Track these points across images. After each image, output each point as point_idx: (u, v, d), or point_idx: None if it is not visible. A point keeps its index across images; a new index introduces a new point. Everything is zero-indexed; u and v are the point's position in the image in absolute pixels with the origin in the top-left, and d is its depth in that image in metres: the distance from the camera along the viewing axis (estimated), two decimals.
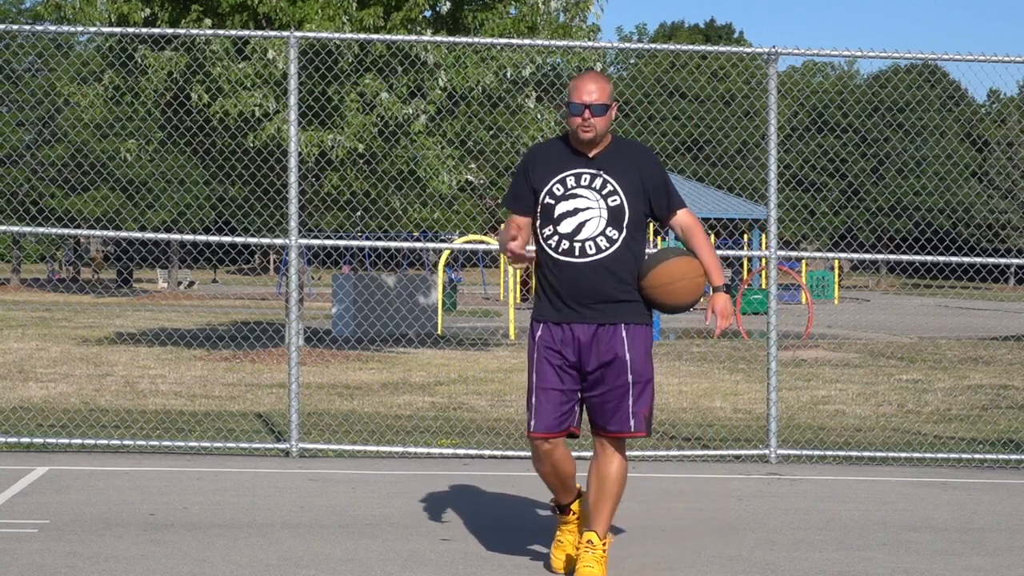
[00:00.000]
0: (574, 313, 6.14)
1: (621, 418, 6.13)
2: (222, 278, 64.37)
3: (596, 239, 6.13)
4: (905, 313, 35.36)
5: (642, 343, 6.19)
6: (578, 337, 6.15)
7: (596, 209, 6.15)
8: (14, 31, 10.41)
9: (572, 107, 6.15)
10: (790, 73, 77.69)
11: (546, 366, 6.17)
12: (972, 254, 48.94)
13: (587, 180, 6.19)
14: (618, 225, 6.15)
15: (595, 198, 6.16)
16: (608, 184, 6.18)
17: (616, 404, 6.13)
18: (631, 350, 6.14)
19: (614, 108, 6.24)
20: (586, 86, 6.14)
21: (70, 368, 16.93)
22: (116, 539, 7.09)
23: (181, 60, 18.28)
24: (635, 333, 6.17)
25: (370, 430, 11.21)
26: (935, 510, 8.45)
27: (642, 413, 6.15)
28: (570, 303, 6.15)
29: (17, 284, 47.89)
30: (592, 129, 6.15)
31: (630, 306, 6.17)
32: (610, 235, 6.14)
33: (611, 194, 6.17)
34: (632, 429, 6.14)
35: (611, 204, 6.16)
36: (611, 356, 6.13)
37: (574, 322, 6.15)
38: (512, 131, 19.70)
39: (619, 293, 6.15)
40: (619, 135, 6.43)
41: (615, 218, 6.15)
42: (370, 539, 7.23)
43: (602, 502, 6.17)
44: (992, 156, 65.86)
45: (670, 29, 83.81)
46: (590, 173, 6.19)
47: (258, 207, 21.44)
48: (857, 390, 15.64)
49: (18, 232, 10.65)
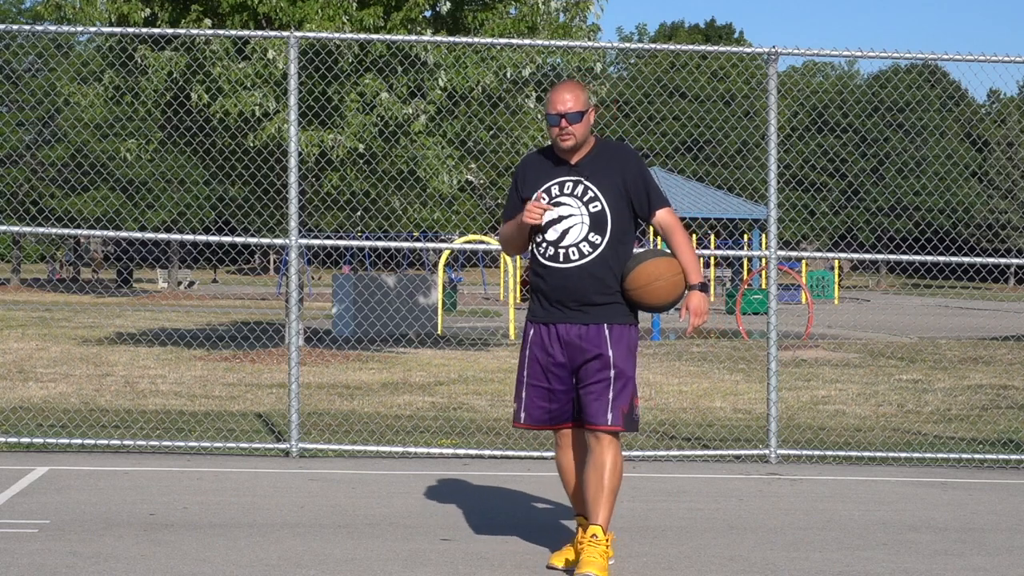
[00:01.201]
0: (560, 314, 6.39)
1: (600, 413, 6.32)
2: (222, 278, 64.37)
3: (579, 245, 6.35)
4: (905, 313, 35.36)
5: (625, 342, 6.39)
6: (564, 337, 6.39)
7: (578, 216, 6.37)
8: (14, 31, 10.41)
9: (550, 119, 6.37)
10: (790, 73, 77.74)
11: (534, 364, 6.46)
12: (972, 254, 48.99)
13: (569, 188, 6.40)
14: (600, 230, 6.36)
15: (577, 205, 6.38)
16: (589, 191, 6.39)
17: (597, 398, 6.34)
18: (614, 348, 6.36)
19: (592, 113, 6.43)
20: (560, 96, 6.36)
21: (70, 368, 16.93)
22: (116, 539, 7.09)
23: (181, 60, 18.28)
24: (619, 332, 6.38)
25: (370, 430, 11.21)
26: (935, 510, 8.45)
27: (621, 408, 6.33)
28: (556, 305, 6.40)
29: (17, 284, 47.89)
30: (571, 136, 6.37)
31: (613, 308, 6.39)
32: (592, 240, 6.35)
33: (592, 200, 6.38)
34: (609, 423, 6.31)
35: (592, 210, 6.36)
36: (595, 353, 6.35)
37: (560, 322, 6.40)
38: (512, 131, 19.69)
39: (601, 297, 6.37)
40: (605, 137, 6.64)
41: (597, 224, 6.36)
42: (370, 539, 7.23)
43: (600, 494, 6.31)
44: (992, 156, 65.88)
45: (670, 29, 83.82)
46: (572, 181, 6.41)
47: (258, 207, 21.44)
48: (857, 390, 15.64)
49: (18, 232, 10.65)
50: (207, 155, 19.52)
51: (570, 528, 7.55)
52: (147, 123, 20.59)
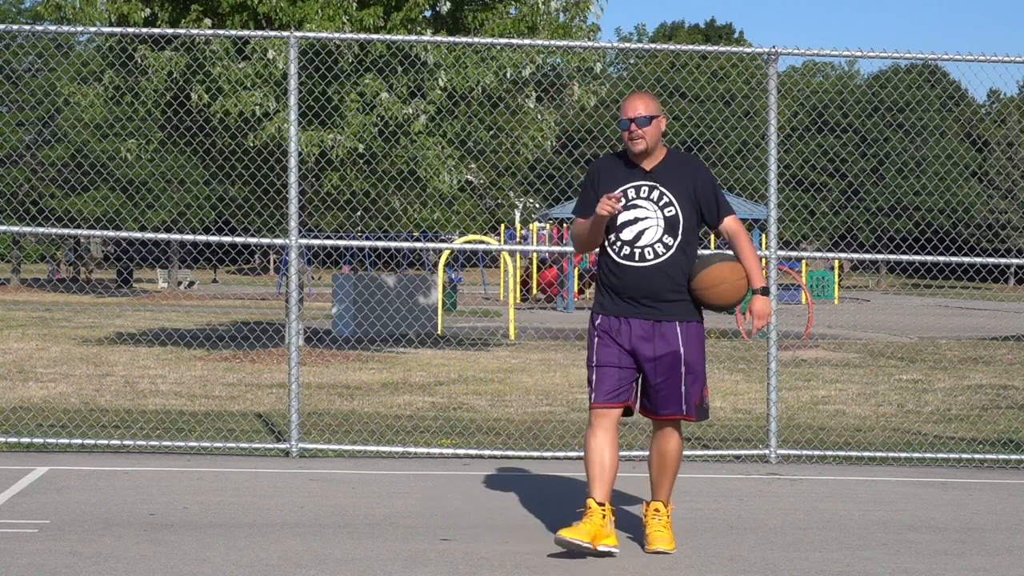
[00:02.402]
0: (632, 309, 6.92)
1: (674, 403, 6.94)
2: (222, 278, 64.34)
3: (654, 245, 6.89)
4: (905, 313, 35.35)
5: (694, 338, 6.97)
6: (634, 329, 6.91)
7: (654, 218, 6.91)
8: (14, 31, 10.41)
9: (621, 124, 6.91)
10: (790, 73, 77.68)
11: (604, 348, 6.93)
12: (972, 254, 48.96)
13: (645, 192, 6.94)
14: (673, 233, 6.90)
15: (652, 208, 6.92)
16: (664, 196, 6.93)
17: (671, 392, 6.93)
18: (685, 344, 6.93)
19: (662, 119, 6.95)
20: (632, 104, 6.90)
21: (70, 368, 16.93)
22: (116, 539, 7.09)
23: (181, 60, 18.27)
24: (689, 329, 6.95)
25: (370, 430, 11.21)
26: (935, 510, 8.45)
27: (693, 400, 6.97)
28: (629, 300, 6.92)
29: (17, 284, 47.88)
30: (642, 140, 6.90)
31: (683, 305, 6.95)
32: (666, 242, 6.90)
33: (667, 205, 6.92)
34: (684, 413, 6.96)
35: (667, 214, 6.91)
36: (667, 350, 6.91)
37: (632, 316, 6.92)
38: (512, 131, 19.68)
39: (673, 294, 6.91)
40: (674, 148, 7.18)
41: (671, 227, 6.90)
42: (370, 539, 7.23)
43: (663, 475, 7.06)
44: (992, 156, 65.84)
45: (670, 29, 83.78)
46: (648, 185, 6.94)
47: (258, 207, 21.43)
48: (857, 390, 15.64)
49: (18, 232, 10.65)
50: (207, 155, 19.51)
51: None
52: (147, 123, 20.58)
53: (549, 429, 11.58)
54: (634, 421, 11.12)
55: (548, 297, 40.06)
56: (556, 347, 22.15)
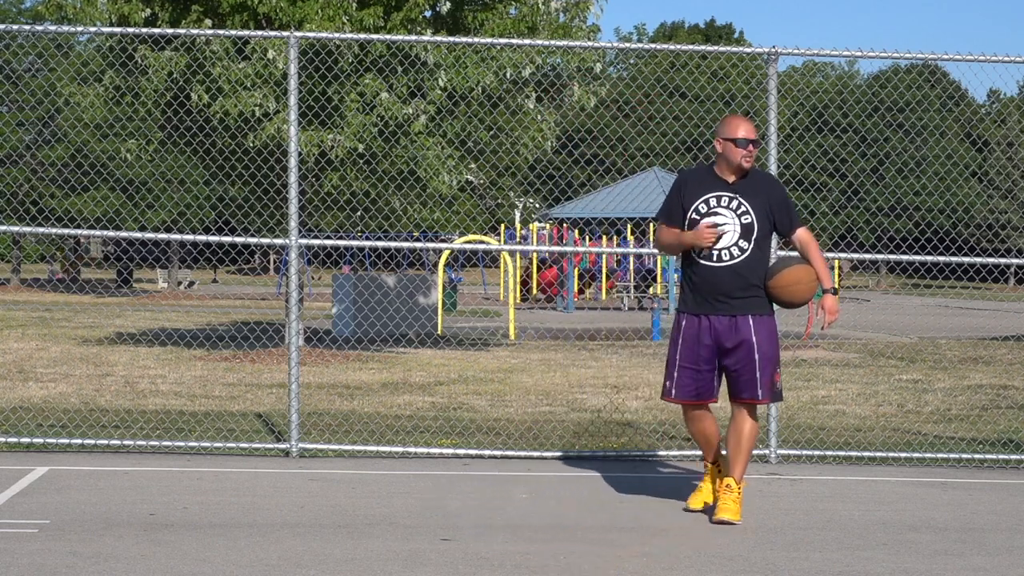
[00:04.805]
0: (710, 306, 7.77)
1: (751, 388, 7.79)
2: (222, 278, 64.32)
3: (730, 248, 7.76)
4: (905, 313, 35.35)
5: (766, 329, 7.80)
6: (714, 325, 7.77)
7: (731, 225, 7.77)
8: (14, 31, 10.41)
9: (739, 142, 7.80)
10: (790, 73, 77.63)
11: (686, 348, 7.82)
12: (972, 254, 48.95)
13: (726, 201, 7.81)
14: (748, 238, 7.77)
15: (731, 216, 7.78)
16: (742, 205, 7.80)
17: (747, 378, 7.78)
18: (757, 334, 7.77)
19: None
20: (748, 126, 7.81)
21: (70, 368, 16.93)
22: (116, 539, 7.09)
23: (181, 60, 18.27)
24: (761, 321, 7.81)
25: (370, 430, 11.21)
26: (935, 510, 8.45)
27: (767, 385, 7.79)
28: (708, 298, 7.77)
29: (17, 284, 47.87)
30: (752, 160, 7.86)
31: (755, 301, 7.79)
32: (741, 245, 7.76)
33: (744, 213, 7.79)
34: (759, 397, 7.80)
35: (743, 222, 7.78)
36: (741, 340, 7.76)
37: (710, 313, 7.77)
38: (512, 131, 19.68)
39: (743, 292, 7.75)
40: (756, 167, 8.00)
41: (746, 232, 7.77)
42: (370, 539, 7.24)
43: (738, 455, 7.82)
44: (992, 156, 65.83)
45: (670, 29, 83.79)
46: (728, 196, 7.82)
47: (258, 207, 21.43)
48: (857, 390, 15.64)
49: (18, 232, 10.65)
50: (207, 155, 19.51)
51: (570, 529, 7.57)
52: (147, 123, 20.58)
53: (549, 429, 11.58)
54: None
55: (548, 297, 40.07)
56: (556, 347, 22.15)
